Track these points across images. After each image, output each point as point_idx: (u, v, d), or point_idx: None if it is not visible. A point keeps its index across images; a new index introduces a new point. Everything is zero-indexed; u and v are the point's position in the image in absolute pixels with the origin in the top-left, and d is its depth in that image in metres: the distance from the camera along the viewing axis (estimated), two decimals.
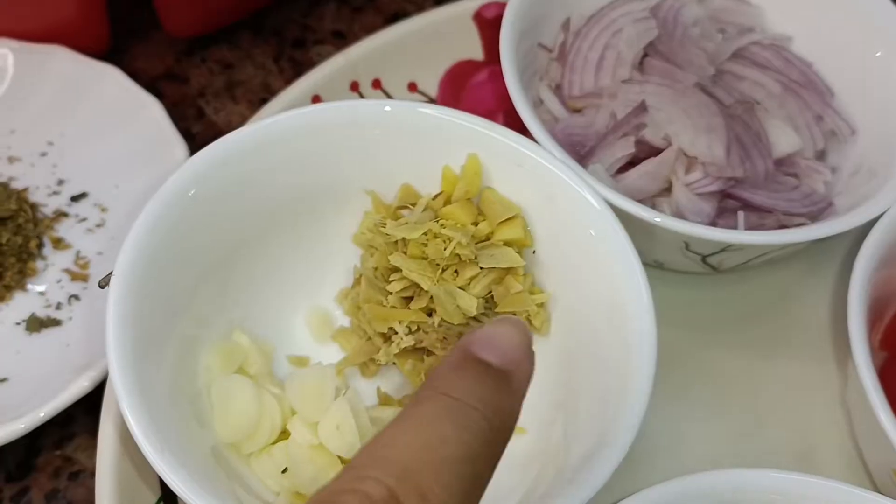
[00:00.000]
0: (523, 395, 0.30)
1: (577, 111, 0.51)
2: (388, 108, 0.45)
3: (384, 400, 0.47)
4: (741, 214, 0.46)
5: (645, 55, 0.52)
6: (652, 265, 0.49)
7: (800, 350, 0.50)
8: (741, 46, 0.53)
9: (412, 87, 0.58)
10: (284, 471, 0.42)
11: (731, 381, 0.49)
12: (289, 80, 0.59)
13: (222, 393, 0.42)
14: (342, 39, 0.65)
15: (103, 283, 0.39)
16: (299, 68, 0.63)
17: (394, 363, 0.46)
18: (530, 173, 0.45)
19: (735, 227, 0.47)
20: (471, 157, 0.45)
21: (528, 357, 0.30)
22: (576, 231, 0.44)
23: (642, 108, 0.48)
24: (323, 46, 0.65)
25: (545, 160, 0.44)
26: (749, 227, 0.47)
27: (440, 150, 0.46)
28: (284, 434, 0.43)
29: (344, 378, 0.47)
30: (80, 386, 0.46)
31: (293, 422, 0.43)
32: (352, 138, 0.45)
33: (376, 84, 0.57)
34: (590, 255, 0.43)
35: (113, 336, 0.37)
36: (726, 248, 0.45)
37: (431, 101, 0.58)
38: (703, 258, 0.47)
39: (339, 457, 0.42)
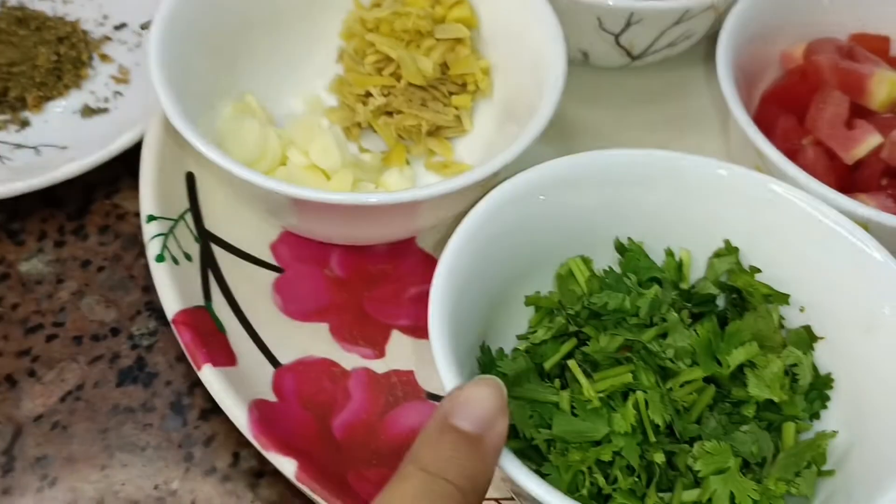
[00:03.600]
0: (498, 453, 0.34)
1: None
2: None
3: (363, 151, 0.59)
4: None
5: None
6: (580, 58, 0.62)
7: (703, 125, 0.62)
8: None
9: None
10: None
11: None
12: None
13: (234, 129, 0.55)
14: None
15: (144, 26, 0.52)
16: None
17: (370, 125, 0.59)
18: None
19: None
20: None
21: (502, 416, 0.34)
22: (512, 17, 0.56)
23: None
24: None
25: None
26: None
27: None
28: (284, 161, 0.56)
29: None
30: (121, 143, 0.58)
31: (291, 150, 0.55)
32: None
33: None
34: (524, 34, 0.56)
35: (155, 57, 0.50)
36: (630, 20, 0.57)
37: None
38: (616, 39, 0.59)
39: (325, 172, 0.54)
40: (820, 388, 0.42)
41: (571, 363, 0.40)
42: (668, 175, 0.46)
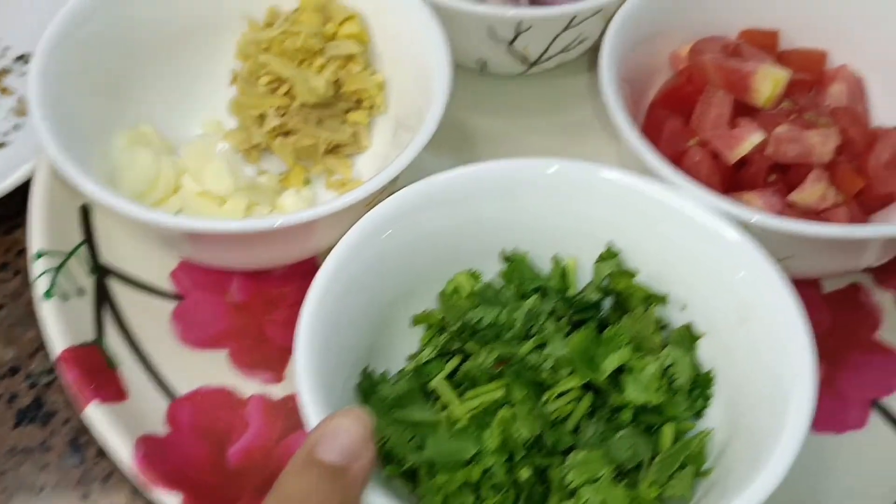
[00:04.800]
0: (363, 484, 0.34)
1: None
2: None
3: (261, 173, 0.59)
4: None
5: None
6: (477, 68, 0.62)
7: (600, 131, 0.62)
8: None
9: None
10: (178, 212, 0.54)
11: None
12: None
13: (127, 160, 0.54)
14: None
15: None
16: None
17: (267, 146, 0.59)
18: None
19: None
20: None
21: (367, 447, 0.34)
22: (400, 29, 0.56)
23: None
24: None
25: None
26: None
27: None
28: (178, 190, 0.55)
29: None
30: (17, 177, 0.58)
31: (185, 177, 0.55)
32: None
33: None
34: (411, 46, 0.56)
35: (35, 95, 0.49)
36: (520, 28, 0.57)
37: None
38: (509, 45, 0.59)
39: (218, 197, 0.54)
40: (702, 387, 0.42)
41: (439, 382, 0.40)
42: (553, 182, 0.46)
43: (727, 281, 0.42)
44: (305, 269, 0.56)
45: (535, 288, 0.45)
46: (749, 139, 0.51)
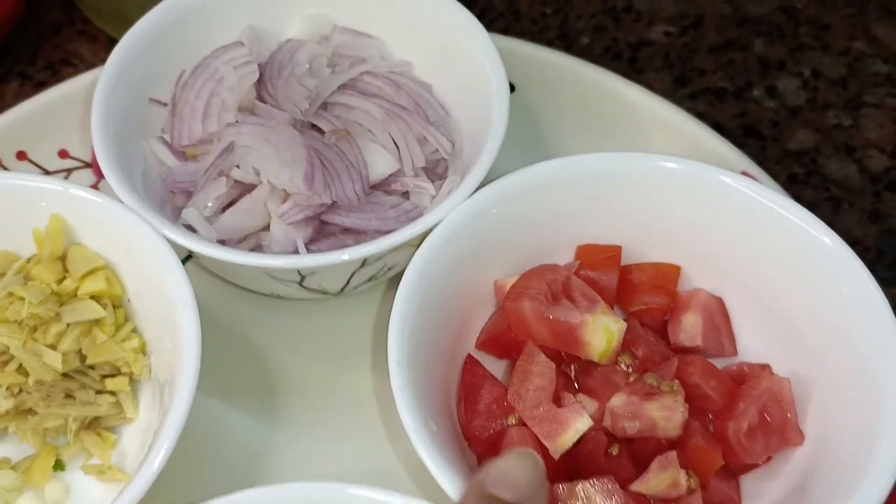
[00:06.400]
0: None
1: (195, 158, 0.53)
2: None
3: (2, 465, 0.47)
4: (300, 241, 0.48)
5: (259, 98, 0.54)
6: (273, 296, 0.52)
7: None
8: (353, 77, 0.55)
9: (63, 154, 0.59)
10: None
11: (361, 401, 0.50)
12: None
13: None
14: None
15: None
16: None
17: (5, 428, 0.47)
18: (111, 228, 0.46)
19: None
20: (52, 218, 0.47)
21: (542, 488, 0.32)
22: (157, 278, 0.45)
23: (230, 148, 0.50)
24: None
25: (124, 212, 0.46)
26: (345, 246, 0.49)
27: (30, 213, 0.47)
28: None
29: None
30: None
31: None
32: None
33: (21, 156, 0.58)
34: (162, 294, 0.45)
35: None
36: (302, 273, 0.47)
37: (87, 165, 0.59)
38: (300, 283, 0.48)
39: None
40: None
41: None
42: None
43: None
44: None
45: None
46: (574, 426, 0.41)
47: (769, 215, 0.46)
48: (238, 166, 0.51)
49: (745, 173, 0.53)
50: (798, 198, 0.57)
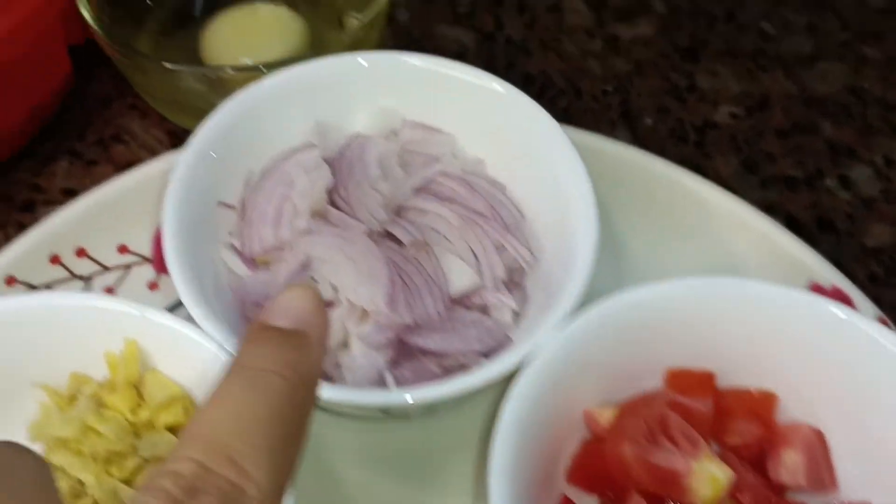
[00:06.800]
0: (322, 350, 0.33)
1: (265, 264, 0.51)
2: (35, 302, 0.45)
3: None
4: (388, 373, 0.46)
5: (331, 202, 0.52)
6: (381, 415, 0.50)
7: None
8: (427, 178, 0.53)
9: (123, 249, 0.57)
10: None
11: None
12: None
13: None
14: (75, 196, 0.64)
15: None
16: None
17: None
18: (186, 354, 0.44)
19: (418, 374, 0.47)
20: (128, 343, 0.45)
21: (320, 315, 0.33)
22: None
23: (307, 262, 0.48)
24: (53, 207, 0.64)
25: (201, 339, 0.44)
26: (429, 371, 0.47)
27: (102, 335, 0.46)
28: None
29: None
30: None
31: None
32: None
33: (81, 253, 0.56)
34: None
35: None
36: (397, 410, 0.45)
37: (147, 260, 0.57)
38: (384, 412, 0.47)
39: None
40: None
41: None
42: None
43: None
44: None
45: None
46: None
47: (872, 348, 0.44)
48: (313, 278, 0.49)
49: (836, 288, 0.52)
50: (878, 300, 0.55)
